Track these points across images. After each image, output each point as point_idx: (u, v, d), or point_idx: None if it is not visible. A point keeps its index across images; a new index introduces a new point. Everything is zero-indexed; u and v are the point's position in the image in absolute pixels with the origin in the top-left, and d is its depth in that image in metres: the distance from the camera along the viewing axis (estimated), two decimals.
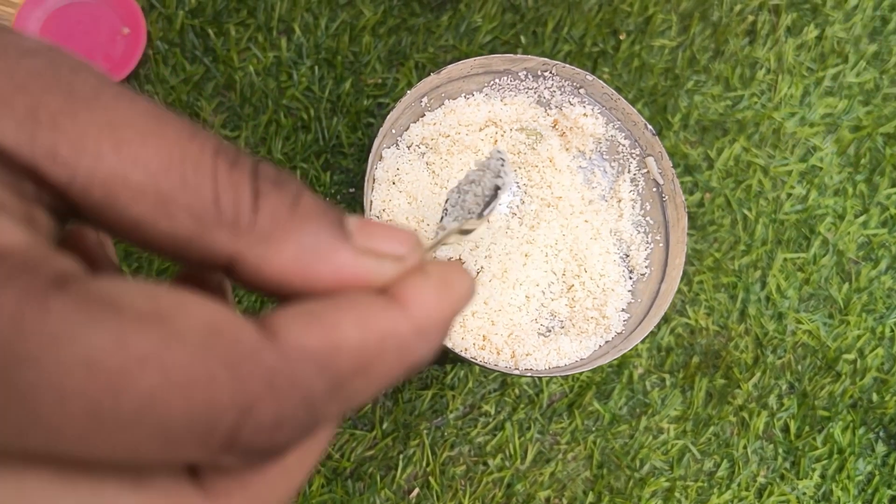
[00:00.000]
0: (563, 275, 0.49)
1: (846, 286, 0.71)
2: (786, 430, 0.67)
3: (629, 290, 0.48)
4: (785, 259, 0.70)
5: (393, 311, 0.18)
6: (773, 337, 0.68)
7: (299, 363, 0.16)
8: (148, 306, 0.15)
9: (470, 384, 0.62)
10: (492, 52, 0.69)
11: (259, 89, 0.63)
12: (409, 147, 0.48)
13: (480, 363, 0.42)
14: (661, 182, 0.48)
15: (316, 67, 0.64)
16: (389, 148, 0.47)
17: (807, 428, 0.68)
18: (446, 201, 0.48)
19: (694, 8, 0.74)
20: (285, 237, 0.17)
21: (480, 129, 0.50)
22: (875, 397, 0.70)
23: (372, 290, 0.18)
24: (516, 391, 0.63)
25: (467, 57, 0.68)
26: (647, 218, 0.49)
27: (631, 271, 0.49)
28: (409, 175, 0.47)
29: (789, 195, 0.72)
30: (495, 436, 0.62)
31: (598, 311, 0.47)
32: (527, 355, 0.45)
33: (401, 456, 0.60)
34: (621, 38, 0.72)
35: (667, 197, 0.48)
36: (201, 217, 0.17)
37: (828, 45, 0.76)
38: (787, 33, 0.76)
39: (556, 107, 0.50)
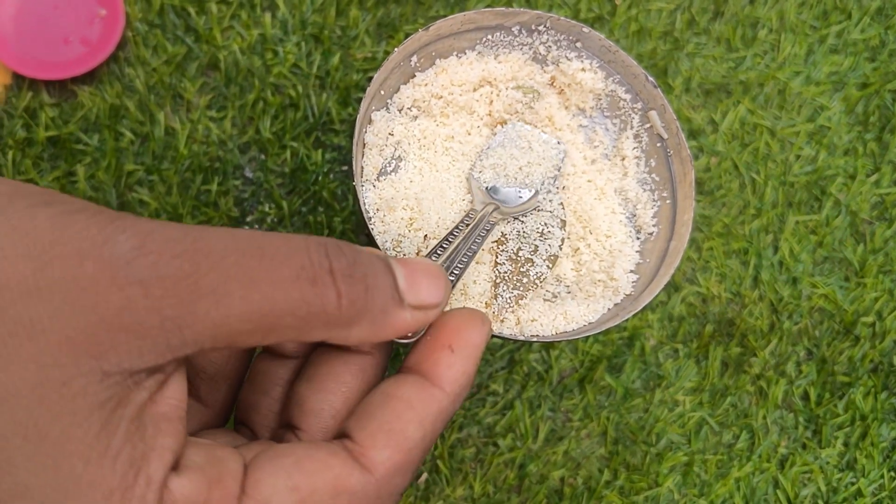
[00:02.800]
0: (568, 238, 0.48)
1: (861, 247, 0.71)
2: (805, 397, 0.67)
3: (637, 251, 0.48)
4: (797, 222, 0.70)
5: (438, 395, 0.28)
6: (788, 302, 0.68)
7: (390, 481, 0.27)
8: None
9: None
10: None
11: (244, 68, 0.62)
12: (399, 110, 0.47)
13: None
14: (665, 136, 0.48)
15: (302, 43, 0.64)
16: (379, 111, 0.46)
17: (827, 395, 0.67)
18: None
19: None
20: (361, 318, 0.26)
21: (475, 89, 0.49)
22: None
23: (419, 381, 0.28)
24: (525, 368, 0.62)
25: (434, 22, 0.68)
26: (653, 175, 0.49)
27: (638, 231, 0.48)
28: (403, 142, 0.47)
29: (798, 157, 0.71)
30: (505, 415, 0.61)
31: (605, 273, 0.46)
32: (532, 321, 0.44)
33: None
34: (617, 2, 0.71)
35: (671, 151, 0.48)
36: (300, 329, 0.25)
37: (830, 2, 0.76)
38: None
39: (553, 63, 0.49)
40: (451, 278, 0.39)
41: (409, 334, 0.30)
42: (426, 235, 0.44)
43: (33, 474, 0.22)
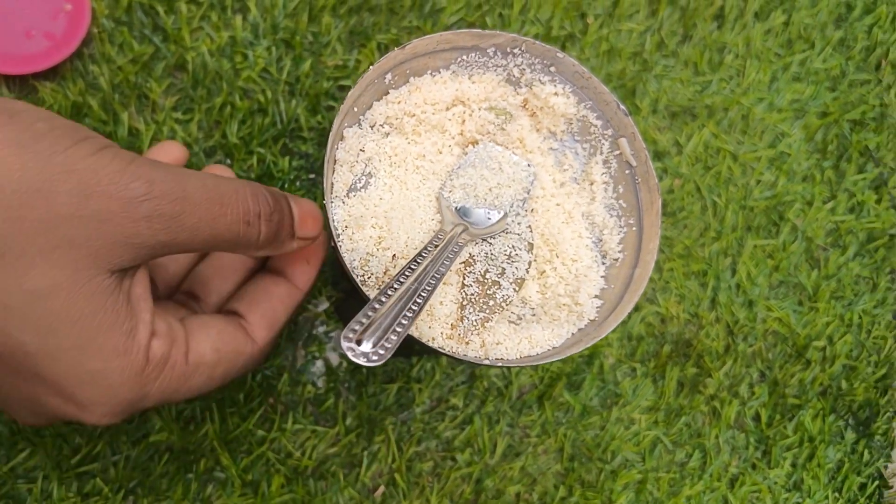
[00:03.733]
0: (535, 261, 0.49)
1: (815, 273, 0.73)
2: (757, 418, 0.69)
3: (602, 276, 0.48)
4: (755, 246, 0.72)
5: (297, 293, 0.47)
6: (743, 325, 0.70)
7: (263, 352, 0.45)
8: (213, 357, 0.41)
9: (437, 377, 0.62)
10: None
11: (213, 70, 0.62)
12: (371, 127, 0.48)
13: (448, 353, 0.42)
14: (633, 164, 0.49)
15: (273, 48, 0.64)
16: (351, 127, 0.46)
17: (778, 416, 0.69)
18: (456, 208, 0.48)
19: None
20: (269, 245, 0.41)
21: (447, 108, 0.50)
22: (844, 384, 0.71)
23: (286, 283, 0.47)
24: (485, 383, 0.63)
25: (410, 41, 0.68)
26: (620, 201, 0.49)
27: (604, 256, 0.49)
28: (374, 158, 0.47)
29: (758, 181, 0.73)
30: (464, 430, 0.62)
31: (570, 297, 0.47)
32: (497, 344, 0.45)
33: (365, 453, 0.60)
34: (589, 21, 0.72)
35: (640, 179, 0.49)
36: (230, 247, 0.39)
37: (794, 31, 0.78)
38: (754, 18, 0.77)
39: (526, 85, 0.50)
40: (419, 300, 0.39)
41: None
42: (394, 255, 0.45)
43: (70, 338, 0.34)
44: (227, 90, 0.62)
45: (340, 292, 0.62)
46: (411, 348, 0.60)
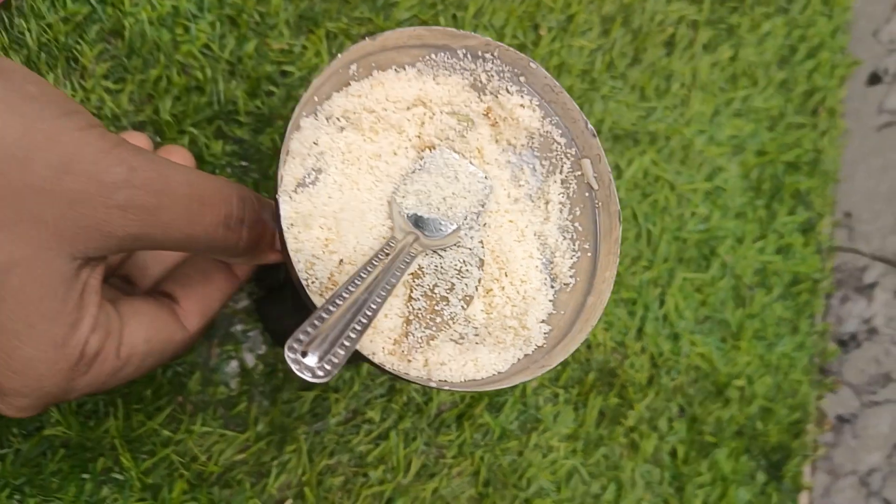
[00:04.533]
0: (483, 278, 0.47)
1: (740, 311, 0.75)
2: (674, 454, 0.69)
3: (550, 300, 0.48)
4: (685, 278, 0.73)
5: (235, 281, 0.44)
6: (668, 358, 0.70)
7: (194, 338, 0.42)
8: (145, 349, 0.39)
9: (356, 387, 0.60)
10: None
11: (151, 40, 0.58)
12: (328, 119, 0.45)
13: (390, 370, 0.40)
14: (595, 187, 0.48)
15: (218, 23, 0.61)
16: (308, 117, 0.44)
17: (693, 453, 0.70)
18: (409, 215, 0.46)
19: (616, 12, 0.75)
20: (246, 254, 0.39)
21: (408, 108, 0.48)
22: (759, 425, 0.73)
23: (226, 269, 0.44)
24: (404, 398, 0.62)
25: (383, 30, 0.66)
26: (576, 224, 0.49)
27: (553, 279, 0.48)
28: (327, 153, 0.45)
29: (693, 213, 0.74)
30: (378, 445, 0.60)
31: (517, 320, 0.46)
32: (441, 365, 0.43)
33: (274, 462, 0.58)
34: (542, 33, 0.72)
35: (600, 203, 0.48)
36: (206, 251, 0.37)
37: (740, 67, 0.80)
38: (703, 50, 0.78)
39: (492, 93, 0.49)
40: (368, 313, 0.38)
41: None
42: (342, 260, 0.43)
43: (12, 320, 0.32)
44: (165, 63, 0.58)
45: (263, 289, 0.59)
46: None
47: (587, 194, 0.49)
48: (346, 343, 0.35)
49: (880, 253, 0.78)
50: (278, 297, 0.58)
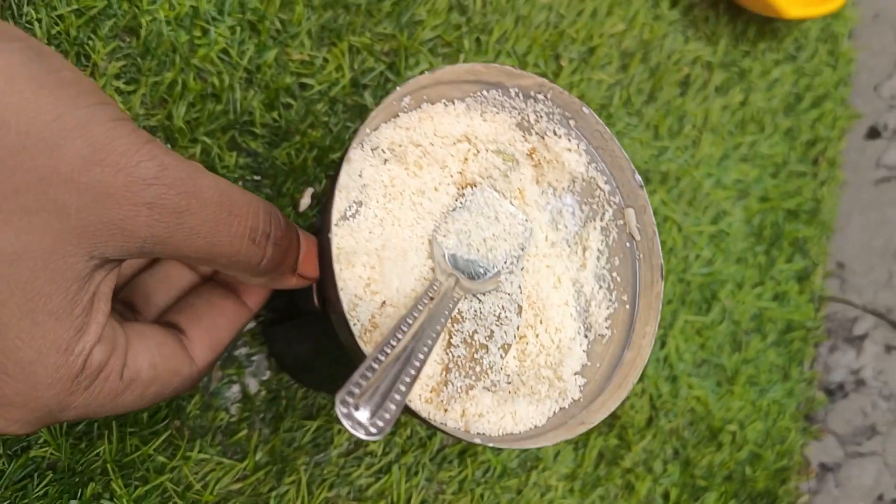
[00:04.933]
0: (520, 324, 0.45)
1: (736, 356, 0.74)
2: (666, 496, 0.68)
3: (584, 351, 0.46)
4: (686, 321, 0.71)
5: (247, 313, 0.41)
6: (666, 400, 0.69)
7: (203, 372, 0.38)
8: (150, 375, 0.35)
9: None
10: (432, 51, 0.65)
11: (167, 41, 0.55)
12: (373, 150, 0.43)
13: (426, 419, 0.38)
14: (637, 238, 0.46)
15: (238, 28, 0.57)
16: (356, 149, 0.41)
17: (685, 496, 0.69)
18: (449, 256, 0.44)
19: (636, 48, 0.74)
20: (268, 274, 0.36)
21: (454, 144, 0.45)
22: (748, 471, 0.72)
23: (236, 300, 0.41)
24: (408, 431, 0.59)
25: (406, 50, 0.64)
26: (614, 274, 0.47)
27: (588, 329, 0.46)
28: (370, 186, 0.42)
29: (698, 256, 0.73)
30: (379, 479, 0.58)
31: (552, 370, 0.44)
32: (479, 416, 0.41)
33: (273, 493, 0.55)
34: (563, 64, 0.70)
35: (641, 255, 0.46)
36: (227, 266, 0.34)
37: (749, 112, 0.79)
38: (715, 92, 0.77)
39: (538, 134, 0.47)
40: (416, 363, 0.35)
41: None
42: (384, 301, 0.41)
43: (16, 316, 0.29)
44: (180, 66, 0.55)
45: (271, 312, 0.56)
46: (333, 381, 0.55)
47: (628, 245, 0.47)
48: (397, 396, 0.33)
49: (872, 306, 0.79)
50: (288, 322, 0.56)
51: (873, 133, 0.86)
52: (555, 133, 0.47)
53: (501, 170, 0.47)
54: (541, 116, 0.47)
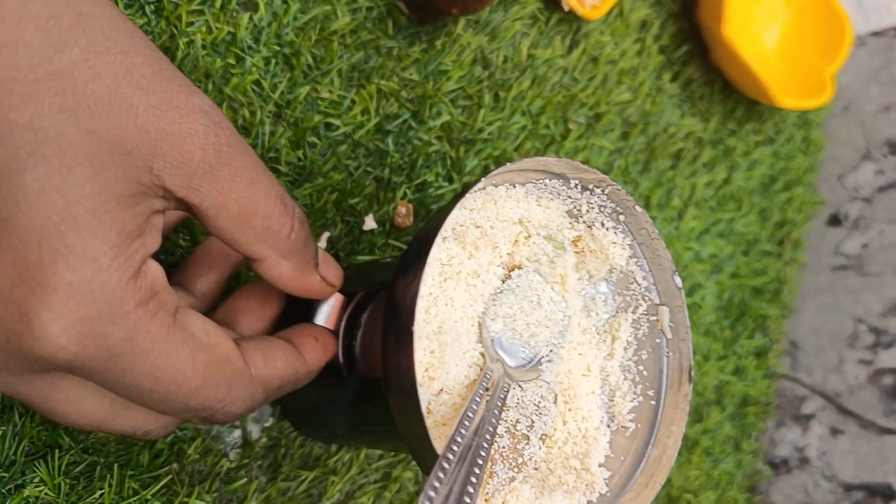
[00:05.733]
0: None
1: (698, 426, 0.76)
2: None
3: (608, 442, 0.46)
4: None
5: (301, 361, 0.40)
6: None
7: (256, 384, 0.35)
8: (203, 339, 0.33)
9: (353, 470, 0.56)
10: (453, 101, 0.64)
11: (203, 66, 0.52)
12: None
13: None
14: (669, 336, 0.47)
15: (273, 61, 0.55)
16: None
17: None
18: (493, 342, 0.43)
19: (639, 118, 0.75)
20: (293, 257, 0.36)
21: (510, 227, 0.45)
22: None
23: (305, 337, 0.42)
24: (398, 485, 0.58)
25: (431, 99, 0.63)
26: (641, 367, 0.48)
27: (611, 420, 0.47)
28: (429, 263, 0.41)
29: None
30: None
31: (579, 460, 0.44)
32: None
33: None
34: (571, 127, 0.70)
35: (670, 353, 0.47)
36: (258, 234, 0.34)
37: (730, 190, 0.81)
38: (703, 168, 0.79)
39: (587, 224, 0.47)
40: (480, 461, 0.35)
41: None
42: (441, 389, 0.40)
43: (81, 181, 0.28)
44: (215, 94, 0.52)
45: None
46: (333, 433, 0.54)
47: (658, 340, 0.48)
48: (468, 500, 0.32)
49: (821, 388, 0.82)
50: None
51: (834, 220, 0.90)
52: (603, 225, 0.47)
53: (549, 256, 0.47)
54: (592, 207, 0.47)
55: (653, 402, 0.47)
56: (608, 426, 0.47)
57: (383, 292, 0.48)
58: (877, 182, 0.89)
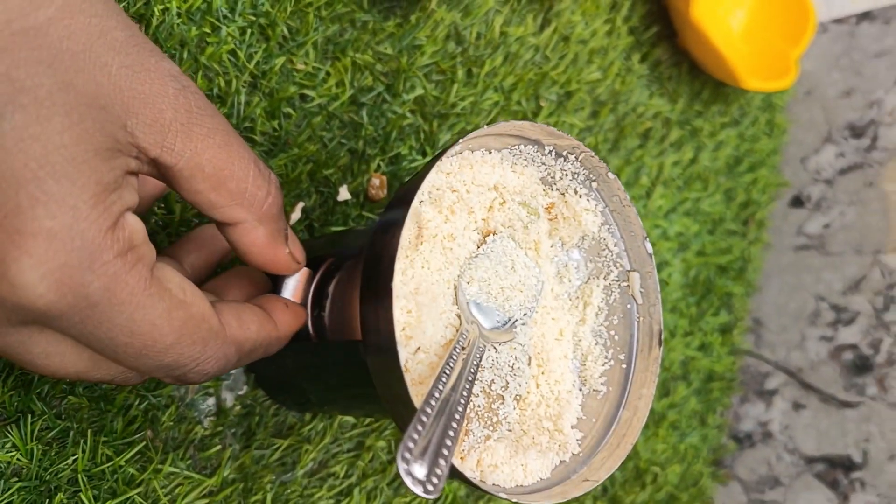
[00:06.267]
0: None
1: (665, 400, 0.77)
2: None
3: (580, 405, 0.47)
4: None
5: (273, 325, 0.40)
6: None
7: (230, 344, 0.35)
8: (180, 296, 0.32)
9: (327, 439, 0.57)
10: (427, 76, 0.64)
11: (178, 34, 0.52)
12: None
13: (468, 479, 0.38)
14: (639, 301, 0.48)
15: (248, 31, 0.55)
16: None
17: None
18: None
19: (608, 98, 0.76)
20: (268, 223, 0.36)
21: (485, 192, 0.45)
22: None
23: (274, 303, 0.42)
24: (371, 454, 0.59)
25: (405, 73, 0.63)
26: (612, 332, 0.48)
27: (583, 383, 0.47)
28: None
29: None
30: (340, 501, 0.57)
31: (552, 422, 0.45)
32: (493, 467, 0.41)
33: None
34: (542, 104, 0.71)
35: (640, 318, 0.48)
36: (234, 196, 0.34)
37: (696, 170, 0.83)
38: (670, 147, 0.80)
39: (560, 191, 0.47)
40: (457, 416, 0.35)
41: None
42: (419, 348, 0.40)
43: (60, 130, 0.28)
44: (191, 63, 0.52)
45: None
46: (307, 400, 0.54)
47: (629, 306, 0.49)
48: (445, 451, 0.33)
49: (784, 364, 0.84)
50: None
51: (797, 202, 0.92)
52: (576, 192, 0.47)
53: (524, 221, 0.47)
54: (566, 174, 0.47)
55: (624, 366, 0.48)
56: (580, 389, 0.48)
57: (351, 260, 0.49)
58: (838, 164, 0.91)
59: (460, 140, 0.40)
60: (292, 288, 0.46)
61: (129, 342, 0.31)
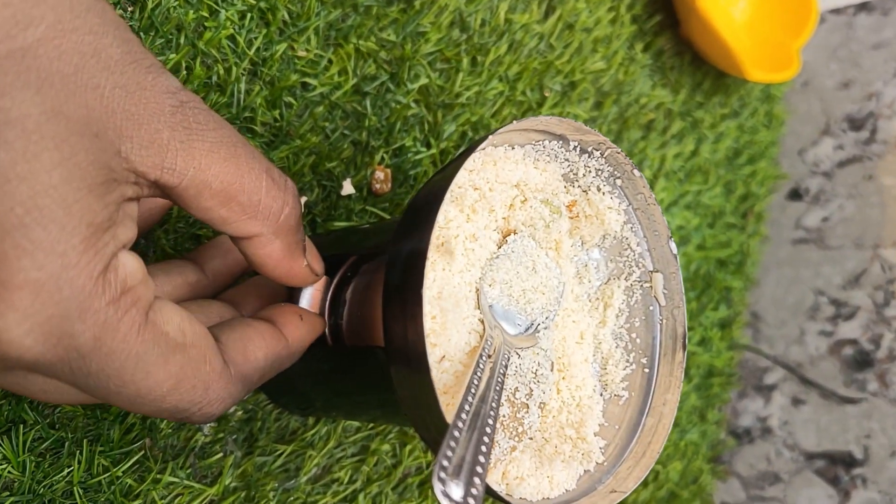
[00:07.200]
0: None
1: None
2: None
3: (601, 411, 0.45)
4: None
5: (283, 343, 0.37)
6: None
7: (235, 383, 0.33)
8: (178, 338, 0.30)
9: (331, 443, 0.54)
10: (431, 64, 0.62)
11: (175, 18, 0.49)
12: None
13: (500, 495, 0.36)
14: (662, 303, 0.46)
15: (248, 15, 0.52)
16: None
17: None
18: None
19: (612, 88, 0.73)
20: (284, 236, 0.34)
21: (507, 190, 0.43)
22: None
23: (289, 316, 0.39)
24: (375, 459, 0.56)
25: (409, 61, 0.60)
26: (633, 335, 0.46)
27: (604, 388, 0.45)
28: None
29: None
30: None
31: (574, 429, 0.43)
32: (519, 480, 0.39)
33: None
34: (546, 94, 0.69)
35: (664, 321, 0.46)
36: (247, 210, 0.31)
37: (698, 162, 0.81)
38: (673, 139, 0.78)
39: (582, 188, 0.45)
40: (488, 430, 0.33)
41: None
42: (443, 356, 0.38)
43: (48, 168, 0.25)
44: (189, 49, 0.49)
45: None
46: (311, 405, 0.51)
47: (651, 308, 0.46)
48: (479, 469, 0.31)
49: (783, 359, 0.83)
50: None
51: (795, 195, 0.91)
52: (599, 189, 0.45)
53: (545, 220, 0.45)
54: (589, 171, 0.45)
55: (646, 370, 0.46)
56: (601, 395, 0.46)
57: (368, 263, 0.46)
58: (836, 157, 0.89)
59: (489, 135, 0.37)
60: (309, 296, 0.44)
61: (120, 391, 0.29)
